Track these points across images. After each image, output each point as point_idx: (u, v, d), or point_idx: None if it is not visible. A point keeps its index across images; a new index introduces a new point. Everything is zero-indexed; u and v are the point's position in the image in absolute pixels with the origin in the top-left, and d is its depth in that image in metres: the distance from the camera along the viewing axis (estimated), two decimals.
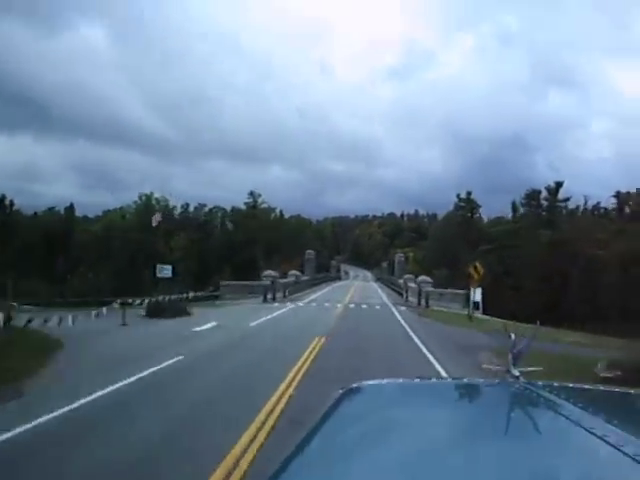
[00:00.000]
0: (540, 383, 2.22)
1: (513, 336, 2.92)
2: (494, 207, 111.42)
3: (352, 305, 45.41)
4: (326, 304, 45.33)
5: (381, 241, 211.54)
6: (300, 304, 45.59)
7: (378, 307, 44.79)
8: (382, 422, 1.79)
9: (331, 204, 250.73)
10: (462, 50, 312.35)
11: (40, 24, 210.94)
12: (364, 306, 44.52)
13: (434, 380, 3.46)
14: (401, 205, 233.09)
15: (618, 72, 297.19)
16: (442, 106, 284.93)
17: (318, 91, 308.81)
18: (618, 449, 1.33)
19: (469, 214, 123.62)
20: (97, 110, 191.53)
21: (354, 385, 2.23)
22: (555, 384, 2.20)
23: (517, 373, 2.38)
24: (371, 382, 2.30)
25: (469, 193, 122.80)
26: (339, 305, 44.48)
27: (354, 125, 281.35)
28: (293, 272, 73.24)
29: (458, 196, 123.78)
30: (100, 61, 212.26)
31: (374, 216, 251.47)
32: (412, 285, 61.94)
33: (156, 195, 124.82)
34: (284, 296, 53.01)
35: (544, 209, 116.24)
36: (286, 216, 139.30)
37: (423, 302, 46.50)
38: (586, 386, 2.71)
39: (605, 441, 1.38)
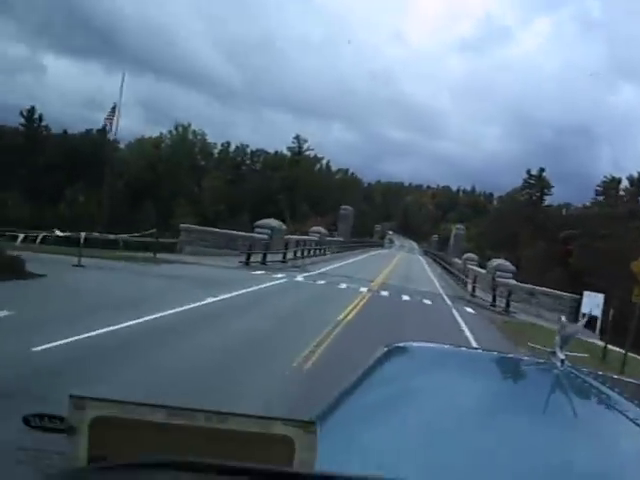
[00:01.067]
0: (584, 369, 2.17)
1: (564, 318, 2.41)
2: (554, 195, 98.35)
3: (385, 292, 27.67)
4: (342, 285, 27.66)
5: (433, 213, 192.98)
6: (299, 278, 28.11)
7: (428, 302, 27.01)
8: (421, 385, 1.78)
9: (386, 170, 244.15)
10: (539, 31, 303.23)
11: None
12: (405, 297, 26.92)
13: (479, 351, 3.68)
14: (458, 180, 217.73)
15: None
16: (511, 85, 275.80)
17: (390, 56, 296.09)
18: None
19: (538, 194, 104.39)
20: (167, 47, 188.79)
21: (399, 344, 2.17)
22: (599, 372, 2.19)
23: (563, 356, 2.08)
24: (415, 344, 2.25)
25: (542, 170, 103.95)
26: (363, 289, 26.76)
27: (421, 93, 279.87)
28: (317, 229, 54.54)
29: (529, 172, 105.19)
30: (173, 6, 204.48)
31: (428, 187, 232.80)
32: (478, 270, 43.85)
33: (194, 128, 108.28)
34: (295, 258, 37.49)
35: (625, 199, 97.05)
36: (333, 170, 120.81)
37: (499, 302, 29.16)
38: (629, 379, 2.77)
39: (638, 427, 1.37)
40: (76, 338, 9.79)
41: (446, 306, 26.77)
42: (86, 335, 10.08)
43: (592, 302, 24.22)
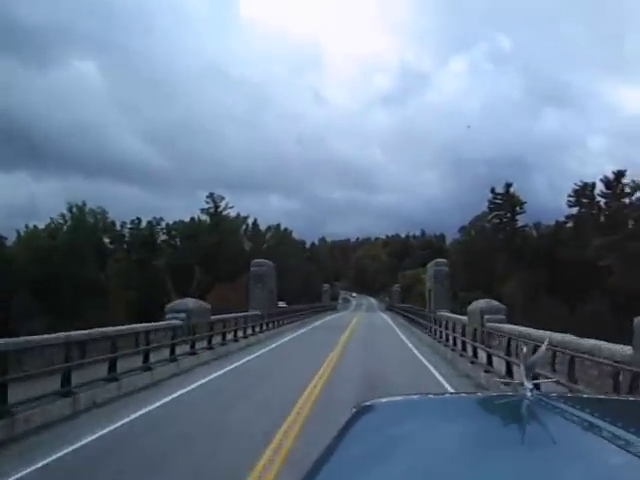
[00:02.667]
0: (554, 395, 2.18)
1: (525, 348, 2.52)
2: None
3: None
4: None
5: (387, 263, 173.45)
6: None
7: None
8: (397, 439, 1.75)
9: (331, 231, 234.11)
10: (456, 72, 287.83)
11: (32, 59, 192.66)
12: None
13: (448, 395, 3.46)
14: (405, 229, 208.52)
15: (613, 88, 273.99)
16: (439, 129, 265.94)
17: (313, 118, 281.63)
18: (636, 457, 1.32)
19: (508, 214, 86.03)
20: (91, 144, 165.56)
21: (367, 403, 2.15)
22: (569, 395, 2.45)
23: (530, 385, 2.06)
24: (385, 399, 2.23)
25: (509, 185, 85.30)
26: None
27: (352, 151, 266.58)
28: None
29: (493, 191, 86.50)
30: (93, 95, 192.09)
31: (377, 238, 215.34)
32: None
33: (91, 206, 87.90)
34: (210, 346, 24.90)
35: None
36: (262, 228, 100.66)
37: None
38: (600, 396, 2.90)
39: (624, 450, 1.37)
40: None
41: None
42: None
43: None
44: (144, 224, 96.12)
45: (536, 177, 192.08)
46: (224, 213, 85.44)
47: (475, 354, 20.00)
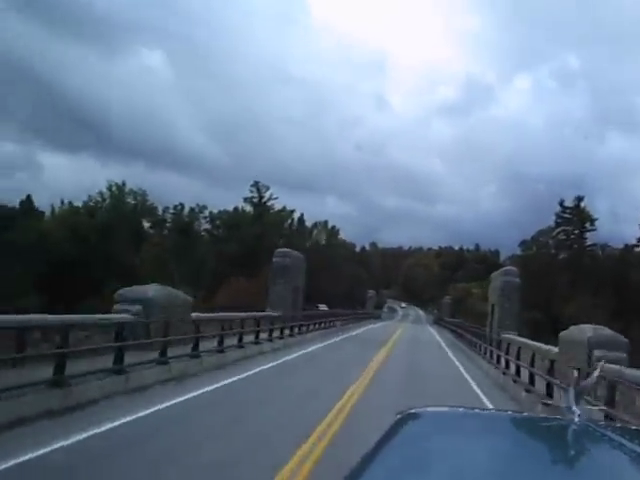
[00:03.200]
0: (601, 423, 2.12)
1: (576, 372, 2.62)
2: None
3: None
4: None
5: (438, 274, 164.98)
6: None
7: None
8: (438, 452, 1.73)
9: (384, 239, 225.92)
10: (521, 88, 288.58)
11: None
12: None
13: (494, 411, 3.40)
14: (458, 242, 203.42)
15: None
16: (501, 144, 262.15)
17: (374, 124, 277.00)
18: None
19: (576, 231, 77.65)
20: (155, 135, 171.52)
21: (411, 410, 2.13)
22: (617, 424, 2.38)
23: (579, 411, 2.04)
24: (430, 408, 2.22)
25: (580, 199, 76.97)
26: None
27: (411, 160, 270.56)
28: None
29: (562, 204, 78.00)
30: (158, 85, 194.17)
31: (429, 249, 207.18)
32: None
33: (131, 187, 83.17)
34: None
35: None
36: (308, 225, 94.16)
37: None
38: None
39: None
40: None
41: None
42: None
43: None
44: (187, 211, 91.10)
45: (597, 201, 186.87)
46: (268, 204, 79.45)
47: None
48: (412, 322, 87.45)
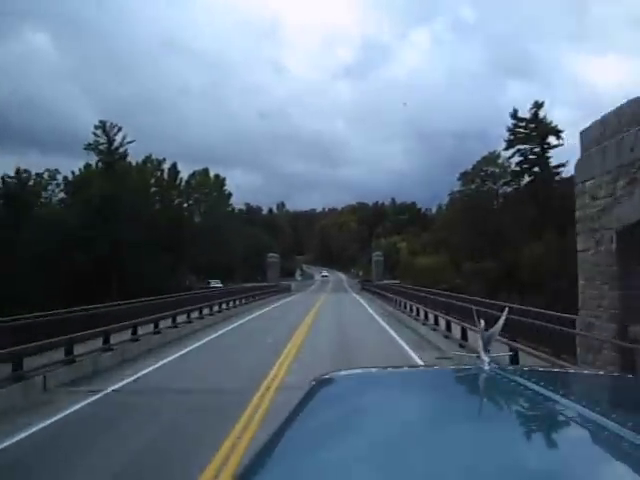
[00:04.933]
0: (510, 368, 2.20)
1: (483, 322, 2.36)
2: None
3: None
4: None
5: (357, 231, 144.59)
6: None
7: None
8: (355, 411, 1.73)
9: (295, 206, 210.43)
10: (416, 43, 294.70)
11: None
12: None
13: (406, 368, 3.45)
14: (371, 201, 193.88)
15: (576, 59, 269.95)
16: (402, 100, 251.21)
17: (276, 92, 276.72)
18: (589, 430, 1.33)
19: (538, 148, 57.73)
20: (43, 119, 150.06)
21: (326, 375, 2.13)
22: (525, 368, 2.25)
23: (487, 358, 2.06)
24: (343, 372, 2.23)
25: (538, 106, 56.85)
26: None
27: (316, 125, 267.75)
28: None
29: (515, 116, 57.97)
30: (46, 67, 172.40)
31: (343, 209, 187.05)
32: None
33: None
34: None
35: None
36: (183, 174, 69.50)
37: None
38: (555, 369, 3.14)
39: (576, 422, 1.38)
40: None
41: None
42: None
43: None
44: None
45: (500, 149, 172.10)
46: (120, 151, 55.73)
47: None
48: (332, 291, 65.93)
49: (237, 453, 6.86)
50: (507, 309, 3.59)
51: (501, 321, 2.34)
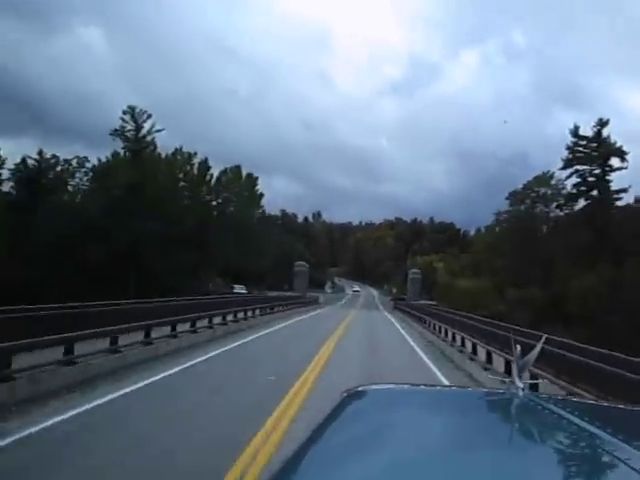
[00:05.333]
0: (544, 395, 2.17)
1: (519, 347, 2.32)
2: None
3: None
4: None
5: (393, 247, 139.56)
6: None
7: None
8: (384, 428, 1.71)
9: (332, 217, 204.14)
10: (466, 64, 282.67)
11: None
12: None
13: (439, 388, 3.42)
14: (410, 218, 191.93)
15: (627, 91, 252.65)
16: (448, 121, 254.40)
17: (321, 103, 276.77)
18: (624, 463, 1.27)
19: (598, 170, 52.53)
20: (93, 113, 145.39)
21: (359, 388, 2.11)
22: (559, 397, 2.28)
23: (521, 384, 2.02)
24: (375, 386, 2.23)
25: (602, 124, 51.87)
26: None
27: (359, 139, 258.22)
28: None
29: (576, 134, 52.95)
30: (97, 64, 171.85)
31: (381, 224, 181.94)
32: None
33: None
34: None
35: None
36: (216, 169, 65.22)
37: None
38: (590, 401, 3.08)
39: (610, 455, 1.33)
40: None
41: None
42: None
43: None
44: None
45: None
46: (148, 139, 51.88)
47: None
48: (362, 307, 61.10)
49: None
50: (544, 337, 3.76)
51: (537, 349, 2.25)
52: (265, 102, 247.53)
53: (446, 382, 13.29)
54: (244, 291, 56.49)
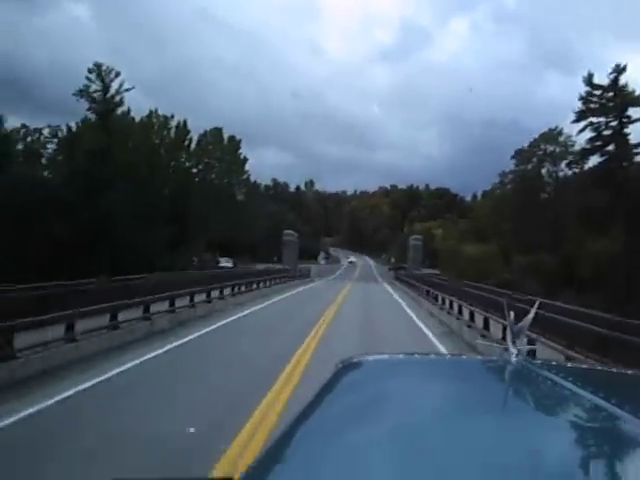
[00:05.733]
0: (538, 361, 2.19)
1: (512, 314, 2.31)
2: None
3: None
4: None
5: (389, 215, 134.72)
6: None
7: None
8: (380, 397, 1.71)
9: (325, 187, 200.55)
10: (457, 31, 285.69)
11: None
12: None
13: (433, 356, 3.16)
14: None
15: (620, 54, 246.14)
16: (439, 87, 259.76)
17: (311, 72, 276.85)
18: (615, 426, 1.34)
19: (615, 122, 47.18)
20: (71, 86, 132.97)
21: (353, 359, 2.09)
22: (553, 363, 2.22)
23: (515, 351, 2.03)
24: (370, 357, 2.20)
25: (619, 70, 46.43)
26: None
27: (350, 107, 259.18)
28: None
29: (590, 82, 47.54)
30: (83, 38, 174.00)
31: (375, 192, 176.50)
32: None
33: None
34: None
35: None
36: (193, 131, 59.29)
37: None
38: (584, 366, 2.94)
39: (603, 420, 1.39)
40: None
41: None
42: None
43: None
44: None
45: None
46: (116, 100, 46.16)
47: None
48: (359, 279, 56.18)
49: None
50: (538, 302, 3.60)
51: (531, 314, 2.29)
52: (253, 71, 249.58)
53: None
54: (229, 264, 51.65)
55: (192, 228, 53.47)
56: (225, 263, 54.05)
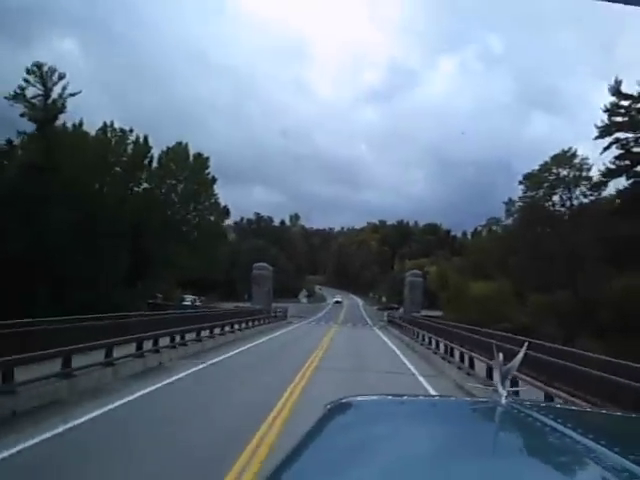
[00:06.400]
0: (527, 402, 2.13)
1: (501, 355, 2.37)
2: None
3: None
4: None
5: (377, 251, 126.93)
6: None
7: None
8: (369, 439, 1.70)
9: (312, 225, 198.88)
10: (445, 71, 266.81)
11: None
12: None
13: (422, 398, 3.31)
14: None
15: (603, 94, 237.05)
16: (427, 128, 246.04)
17: (300, 111, 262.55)
18: (605, 468, 1.30)
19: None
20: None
21: (342, 400, 2.07)
22: (542, 404, 2.22)
23: (505, 392, 2.04)
24: (359, 398, 2.17)
25: None
26: None
27: (338, 147, 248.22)
28: None
29: (617, 90, 40.28)
30: (76, 77, 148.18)
31: (364, 227, 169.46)
32: None
33: None
34: None
35: None
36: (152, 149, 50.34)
37: None
38: (573, 407, 2.94)
39: (592, 461, 1.35)
40: None
41: None
42: None
43: None
44: None
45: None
46: (59, 105, 38.21)
47: None
48: (345, 324, 48.07)
49: None
50: (526, 344, 3.47)
51: (520, 355, 2.27)
52: (243, 111, 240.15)
53: None
54: (189, 303, 43.75)
55: (152, 261, 45.56)
56: (188, 302, 46.20)
